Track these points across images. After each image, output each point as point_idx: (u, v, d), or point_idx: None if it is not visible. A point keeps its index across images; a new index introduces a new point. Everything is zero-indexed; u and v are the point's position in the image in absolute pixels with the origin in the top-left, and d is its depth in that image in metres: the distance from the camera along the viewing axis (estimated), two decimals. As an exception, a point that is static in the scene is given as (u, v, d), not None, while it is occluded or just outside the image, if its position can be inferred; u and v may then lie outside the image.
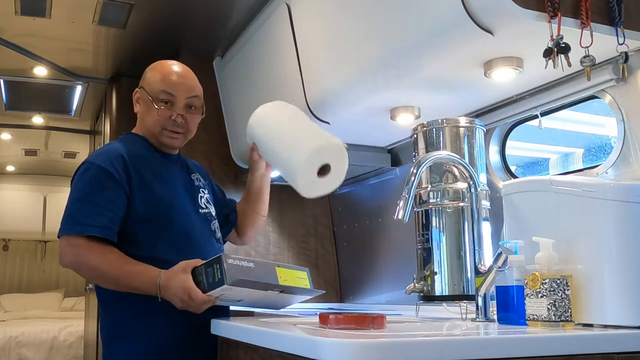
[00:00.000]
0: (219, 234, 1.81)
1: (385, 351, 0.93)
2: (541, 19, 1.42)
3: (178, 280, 1.47)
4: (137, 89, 1.77)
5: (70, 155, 5.63)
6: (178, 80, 1.72)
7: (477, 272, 1.45)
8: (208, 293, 1.46)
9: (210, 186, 1.91)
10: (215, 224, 1.80)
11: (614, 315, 1.17)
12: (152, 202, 1.63)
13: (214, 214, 1.81)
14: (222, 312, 1.72)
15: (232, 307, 1.83)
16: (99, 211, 1.55)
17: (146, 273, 1.52)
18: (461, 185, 1.61)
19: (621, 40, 1.48)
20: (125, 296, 1.56)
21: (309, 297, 1.66)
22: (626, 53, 1.51)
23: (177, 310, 1.52)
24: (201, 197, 1.79)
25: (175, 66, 1.75)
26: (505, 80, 1.76)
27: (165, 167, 1.73)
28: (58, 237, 1.58)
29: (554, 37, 1.42)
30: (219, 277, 1.43)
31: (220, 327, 1.55)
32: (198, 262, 1.50)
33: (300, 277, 1.59)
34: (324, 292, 1.66)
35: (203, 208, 1.76)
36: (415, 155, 1.73)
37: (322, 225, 3.21)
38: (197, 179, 1.83)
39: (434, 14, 1.56)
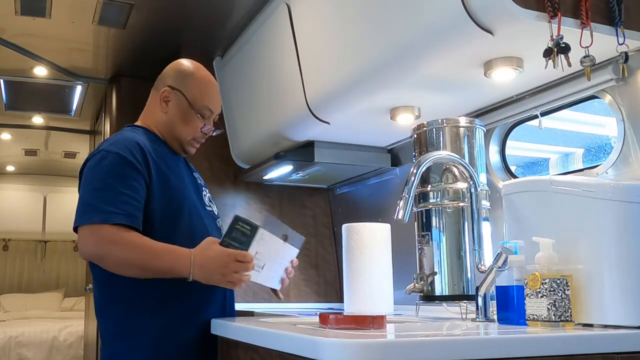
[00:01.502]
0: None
1: (385, 351, 0.93)
2: (541, 19, 1.42)
3: (216, 251, 1.47)
4: (168, 89, 1.71)
5: (70, 155, 5.63)
6: (218, 98, 1.77)
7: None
8: (248, 250, 1.49)
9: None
10: (220, 222, 1.81)
11: (614, 315, 1.18)
12: (169, 195, 1.61)
13: (216, 212, 1.81)
14: (228, 311, 1.73)
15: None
16: (122, 199, 1.50)
17: (176, 252, 1.49)
18: (461, 185, 1.61)
19: (621, 40, 1.48)
20: (136, 292, 1.55)
21: (299, 248, 1.68)
22: (626, 53, 1.50)
23: (187, 308, 1.52)
24: (205, 194, 1.80)
25: (212, 78, 1.78)
26: (505, 80, 1.76)
27: (176, 164, 1.72)
28: (75, 227, 1.52)
29: (554, 37, 1.42)
30: (249, 229, 1.48)
31: (220, 327, 1.55)
32: (215, 239, 1.52)
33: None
34: (304, 238, 1.71)
35: (208, 206, 1.77)
36: (415, 155, 1.73)
37: (322, 225, 3.21)
38: (198, 177, 1.84)
39: (434, 14, 1.56)
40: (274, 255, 1.59)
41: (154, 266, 1.49)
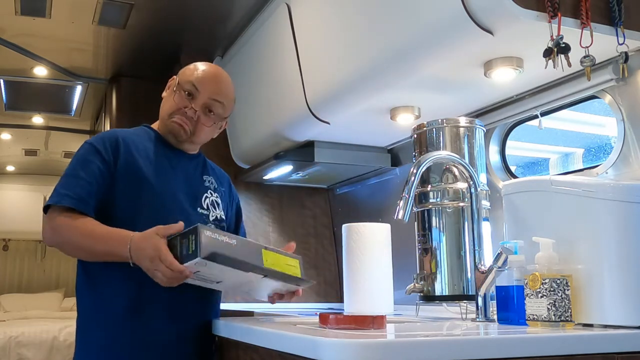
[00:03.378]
0: None
1: (385, 351, 0.93)
2: (541, 19, 1.42)
3: (150, 241, 1.42)
4: (174, 76, 1.77)
5: (71, 155, 5.61)
6: (208, 78, 1.71)
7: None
8: (184, 264, 1.35)
9: (230, 199, 1.86)
10: (211, 227, 1.74)
11: (614, 315, 1.17)
12: (137, 187, 1.59)
13: (212, 218, 1.73)
14: (213, 311, 1.70)
15: (231, 307, 1.83)
16: (79, 183, 1.54)
17: (117, 235, 1.48)
18: (461, 185, 1.61)
19: (621, 40, 1.48)
20: (105, 276, 1.55)
21: (297, 288, 1.55)
22: (626, 53, 1.50)
23: (168, 304, 1.52)
24: (206, 197, 1.74)
25: (214, 68, 1.75)
26: (505, 80, 1.76)
27: (168, 161, 1.69)
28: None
29: (554, 37, 1.42)
30: (193, 249, 1.33)
31: (220, 327, 1.55)
32: (174, 227, 1.42)
33: (290, 264, 1.50)
34: (314, 282, 1.61)
35: (203, 208, 1.71)
36: (415, 155, 1.73)
37: (322, 225, 3.21)
38: (209, 181, 1.78)
39: (434, 14, 1.56)
40: (236, 280, 1.46)
41: (98, 250, 1.50)
